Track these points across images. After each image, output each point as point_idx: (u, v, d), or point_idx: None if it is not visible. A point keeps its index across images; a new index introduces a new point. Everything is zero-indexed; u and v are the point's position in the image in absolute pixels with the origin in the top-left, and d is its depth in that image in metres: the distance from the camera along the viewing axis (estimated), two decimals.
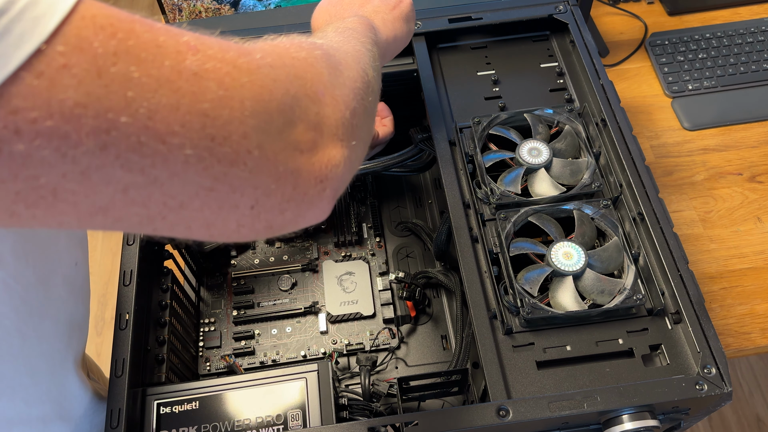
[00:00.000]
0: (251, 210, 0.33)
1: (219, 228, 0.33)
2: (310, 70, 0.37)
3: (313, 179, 0.35)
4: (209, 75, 0.30)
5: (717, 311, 0.80)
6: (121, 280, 0.63)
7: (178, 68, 0.29)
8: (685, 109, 0.98)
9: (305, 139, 0.35)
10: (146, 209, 0.30)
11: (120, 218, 0.30)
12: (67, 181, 0.27)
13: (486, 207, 0.67)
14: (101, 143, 0.26)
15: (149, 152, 0.28)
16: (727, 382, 0.54)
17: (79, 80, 0.26)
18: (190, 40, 0.30)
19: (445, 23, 0.79)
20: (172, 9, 0.95)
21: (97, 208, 0.29)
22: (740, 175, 0.92)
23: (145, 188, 0.29)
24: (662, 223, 0.62)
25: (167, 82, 0.28)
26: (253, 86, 0.31)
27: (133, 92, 0.27)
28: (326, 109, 0.37)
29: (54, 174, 0.26)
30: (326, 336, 0.78)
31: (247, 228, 0.34)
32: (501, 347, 0.58)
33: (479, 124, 0.71)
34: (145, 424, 0.58)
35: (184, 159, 0.29)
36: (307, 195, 0.35)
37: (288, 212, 0.35)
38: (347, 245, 0.85)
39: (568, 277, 0.60)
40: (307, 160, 0.35)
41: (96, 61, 0.26)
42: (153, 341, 0.65)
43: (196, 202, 0.31)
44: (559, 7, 0.80)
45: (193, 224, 0.32)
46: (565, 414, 0.52)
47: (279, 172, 0.33)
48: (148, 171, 0.28)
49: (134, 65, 0.27)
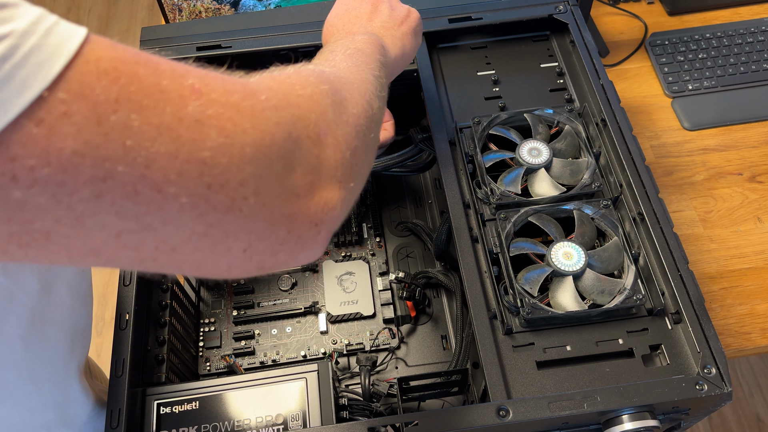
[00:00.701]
0: (243, 253, 0.33)
1: (210, 268, 0.33)
2: (315, 109, 0.36)
3: (308, 223, 0.35)
4: (211, 121, 0.29)
5: (717, 311, 0.80)
6: (121, 280, 0.63)
7: (179, 115, 0.28)
8: (685, 109, 0.98)
9: (303, 183, 0.34)
10: (138, 253, 0.30)
11: (111, 260, 0.30)
12: (61, 226, 0.27)
13: (486, 207, 0.67)
14: (97, 191, 0.26)
15: (144, 200, 0.27)
16: (727, 382, 0.54)
17: (78, 128, 0.25)
18: (194, 82, 0.30)
19: (445, 23, 0.79)
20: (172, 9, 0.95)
21: (89, 250, 0.29)
22: (740, 175, 0.92)
23: (138, 234, 0.29)
24: (662, 223, 0.62)
25: (167, 130, 0.28)
26: (255, 132, 0.31)
27: (132, 141, 0.27)
28: (327, 150, 0.36)
29: (48, 219, 0.26)
30: (326, 336, 0.78)
31: (238, 269, 0.34)
32: (501, 347, 0.58)
33: (479, 124, 0.71)
34: (145, 424, 0.58)
35: (178, 207, 0.29)
36: (301, 238, 0.35)
37: (281, 254, 0.34)
38: (347, 245, 0.85)
39: (568, 277, 0.60)
40: (303, 204, 0.34)
41: (97, 108, 0.26)
42: (153, 341, 0.65)
43: (188, 247, 0.31)
44: (559, 7, 0.80)
45: (184, 265, 0.32)
46: (565, 414, 0.52)
47: (274, 217, 0.33)
48: (141, 218, 0.28)
49: (135, 113, 0.27)
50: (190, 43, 0.78)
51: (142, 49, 0.76)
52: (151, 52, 0.30)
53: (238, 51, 0.78)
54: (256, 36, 0.79)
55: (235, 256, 0.33)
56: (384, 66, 0.51)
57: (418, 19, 0.63)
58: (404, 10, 0.62)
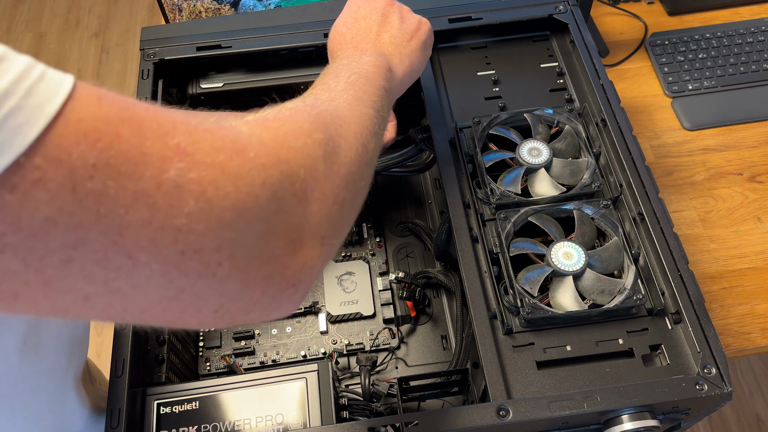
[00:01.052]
0: (215, 313, 0.32)
1: (180, 325, 0.33)
2: (305, 164, 0.35)
3: (285, 284, 0.33)
4: (192, 186, 0.28)
5: (717, 311, 0.80)
6: None
7: (158, 179, 0.27)
8: (685, 109, 0.98)
9: (282, 244, 0.33)
10: (106, 313, 0.30)
11: (79, 317, 0.30)
12: (28, 288, 0.26)
13: (486, 207, 0.67)
14: (67, 257, 0.26)
15: (114, 267, 0.27)
16: (727, 382, 0.54)
17: (52, 195, 0.24)
18: (180, 141, 0.29)
19: (445, 23, 0.79)
20: (172, 9, 0.95)
21: (56, 309, 0.28)
22: (740, 175, 0.92)
23: (106, 297, 0.28)
24: (662, 223, 0.62)
25: (144, 196, 0.27)
26: (238, 194, 0.30)
27: (106, 208, 0.26)
28: (312, 207, 0.34)
29: (16, 281, 0.26)
30: (326, 336, 0.78)
31: (209, 325, 0.34)
32: (501, 347, 0.58)
33: (479, 124, 0.71)
34: (145, 424, 0.58)
35: (149, 273, 0.28)
36: (275, 298, 0.34)
37: (253, 313, 0.34)
38: (347, 245, 0.85)
39: (568, 277, 0.60)
40: (281, 265, 0.33)
41: (73, 174, 0.25)
42: (153, 341, 0.65)
43: (157, 309, 0.30)
44: (559, 7, 0.80)
45: (154, 323, 0.32)
46: (565, 414, 0.52)
47: (249, 279, 0.31)
48: (110, 283, 0.27)
49: (112, 179, 0.26)
50: (190, 43, 0.78)
51: (142, 49, 0.77)
52: (142, 101, 0.29)
53: (238, 51, 0.78)
54: (256, 36, 0.79)
55: (206, 316, 0.32)
56: (388, 93, 0.50)
57: (429, 31, 0.60)
58: (415, 21, 0.59)
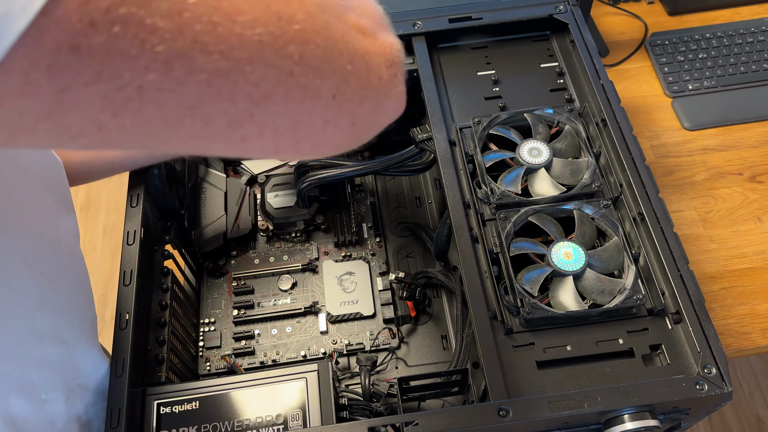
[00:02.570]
0: (333, 99, 0.33)
1: (306, 126, 0.33)
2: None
3: (384, 61, 0.35)
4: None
5: (717, 311, 0.80)
6: (121, 280, 0.63)
7: None
8: (685, 109, 0.98)
9: (362, 24, 0.35)
10: (233, 104, 0.29)
11: (209, 120, 0.29)
12: (149, 73, 0.26)
13: (486, 207, 0.67)
14: (176, 26, 0.26)
15: (223, 33, 0.27)
16: (728, 382, 0.54)
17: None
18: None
19: (445, 23, 0.79)
20: None
21: (184, 107, 0.28)
22: (740, 175, 0.92)
23: (228, 76, 0.28)
24: (662, 223, 0.62)
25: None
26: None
27: None
28: (364, 3, 0.37)
29: (137, 68, 0.25)
30: (326, 336, 0.78)
31: (333, 125, 0.34)
32: (501, 347, 0.58)
33: (479, 124, 0.71)
34: (145, 424, 0.58)
35: (257, 39, 0.28)
36: (382, 79, 0.35)
37: (368, 101, 0.35)
38: (347, 245, 0.85)
39: (568, 277, 0.60)
40: (371, 43, 0.35)
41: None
42: (153, 341, 0.65)
43: (279, 91, 0.30)
44: (559, 7, 0.80)
45: (281, 123, 0.32)
46: (566, 414, 0.52)
47: (351, 52, 0.33)
48: (227, 53, 0.28)
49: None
50: None
51: None
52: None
53: None
54: None
55: (327, 104, 0.33)
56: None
57: None
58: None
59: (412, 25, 0.79)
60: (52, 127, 0.26)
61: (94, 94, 0.25)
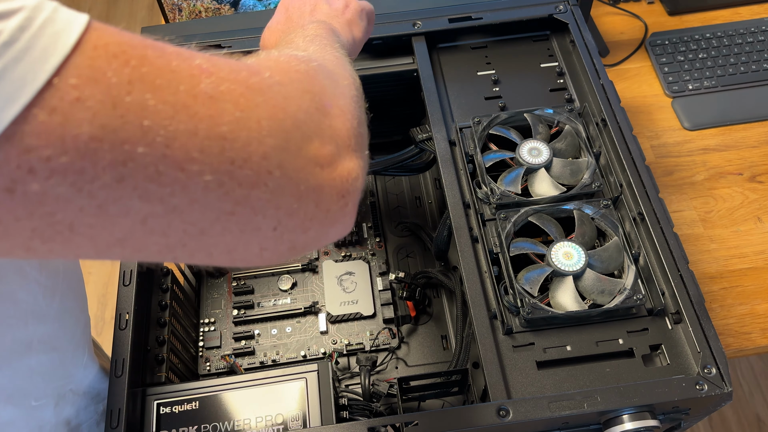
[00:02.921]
0: (274, 232, 0.32)
1: (241, 252, 0.33)
2: (315, 83, 0.36)
3: (336, 194, 0.34)
4: (225, 97, 0.29)
5: (717, 311, 0.80)
6: (121, 280, 0.63)
7: (193, 92, 0.28)
8: (685, 109, 0.98)
9: (323, 154, 0.34)
10: (166, 238, 0.29)
11: (139, 249, 0.29)
12: (84, 215, 0.26)
13: (486, 207, 0.67)
14: (118, 176, 0.26)
15: (168, 181, 0.27)
16: (728, 382, 0.54)
17: (93, 113, 0.25)
18: (202, 63, 0.30)
19: (445, 23, 0.79)
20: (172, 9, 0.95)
21: (115, 240, 0.28)
22: (740, 175, 0.92)
23: (165, 217, 0.28)
24: (662, 223, 0.62)
25: (183, 108, 0.27)
26: (267, 106, 0.31)
27: (150, 121, 0.26)
28: (336, 121, 0.36)
29: (70, 209, 0.26)
30: (326, 336, 0.78)
31: (270, 251, 0.33)
32: (501, 347, 0.58)
33: (479, 124, 0.71)
34: (145, 424, 0.58)
35: (204, 185, 0.28)
36: (330, 212, 0.34)
37: (311, 231, 0.34)
38: (347, 245, 0.85)
39: (568, 277, 0.60)
40: (328, 176, 0.34)
41: (110, 91, 0.25)
42: (153, 341, 0.65)
43: (216, 228, 0.30)
44: (559, 7, 0.80)
45: (215, 250, 0.32)
46: (566, 414, 0.52)
47: (301, 190, 0.32)
48: (167, 200, 0.27)
49: (149, 93, 0.26)
50: (190, 43, 0.78)
51: None
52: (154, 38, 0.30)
53: (238, 51, 0.78)
54: (256, 36, 0.79)
55: (266, 236, 0.32)
56: (343, 47, 0.51)
57: (359, 7, 0.62)
58: (342, 1, 0.61)
59: (412, 25, 0.79)
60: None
61: (24, 227, 0.25)
